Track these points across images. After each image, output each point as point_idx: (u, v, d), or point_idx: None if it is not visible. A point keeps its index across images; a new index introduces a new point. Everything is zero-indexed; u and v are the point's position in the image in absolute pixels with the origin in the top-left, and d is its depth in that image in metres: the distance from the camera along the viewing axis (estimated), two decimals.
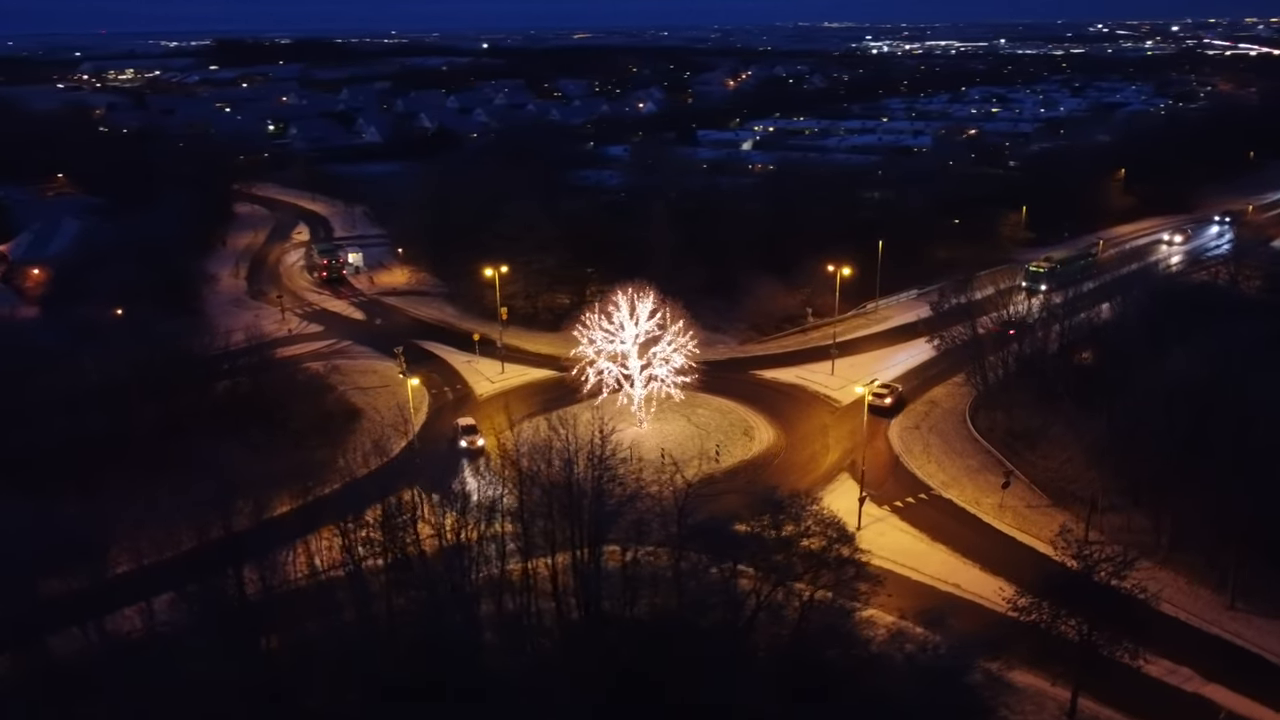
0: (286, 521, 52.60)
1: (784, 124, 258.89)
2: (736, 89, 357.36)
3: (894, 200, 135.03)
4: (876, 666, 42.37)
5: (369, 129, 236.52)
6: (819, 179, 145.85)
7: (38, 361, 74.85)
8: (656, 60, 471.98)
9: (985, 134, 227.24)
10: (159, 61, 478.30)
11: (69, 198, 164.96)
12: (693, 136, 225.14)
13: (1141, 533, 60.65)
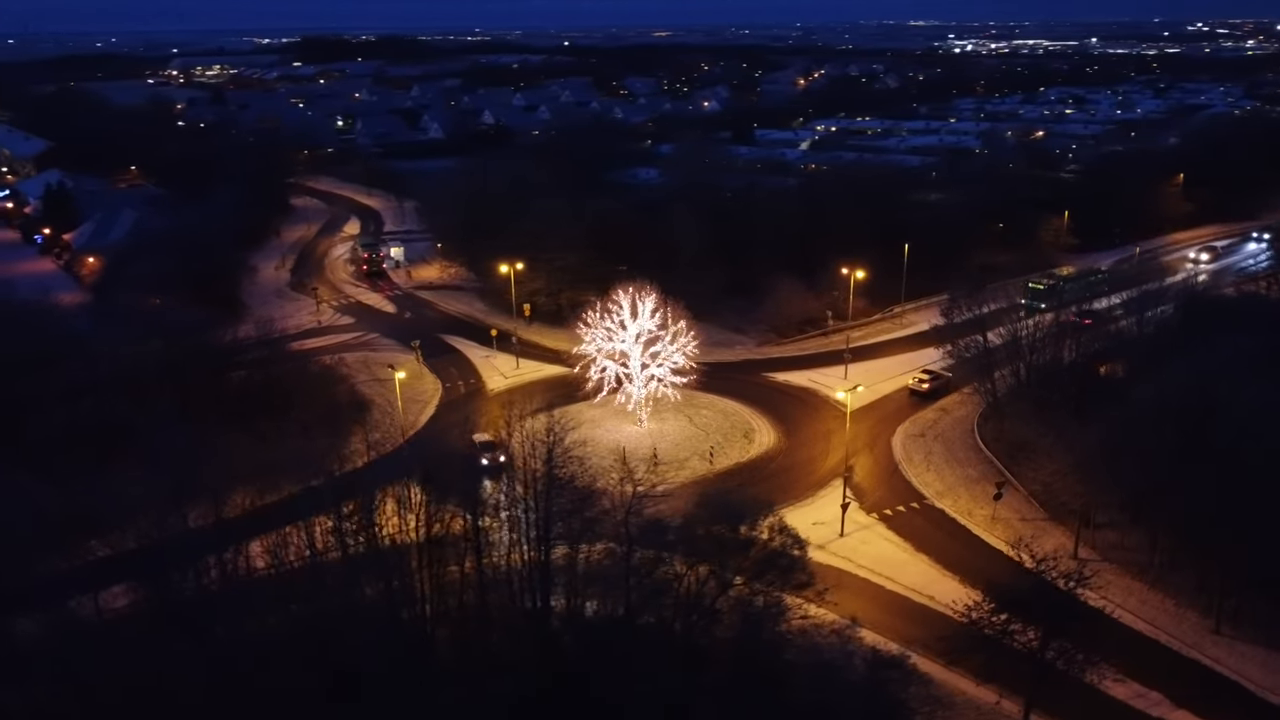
0: (271, 511, 53.73)
1: (847, 124, 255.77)
2: (806, 88, 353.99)
3: (937, 203, 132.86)
4: (809, 671, 41.91)
5: (433, 125, 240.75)
6: (862, 180, 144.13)
7: (69, 346, 78.31)
8: (729, 59, 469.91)
9: (1052, 136, 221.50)
10: (245, 58, 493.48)
11: (138, 189, 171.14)
12: (750, 136, 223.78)
13: (1135, 551, 58.87)
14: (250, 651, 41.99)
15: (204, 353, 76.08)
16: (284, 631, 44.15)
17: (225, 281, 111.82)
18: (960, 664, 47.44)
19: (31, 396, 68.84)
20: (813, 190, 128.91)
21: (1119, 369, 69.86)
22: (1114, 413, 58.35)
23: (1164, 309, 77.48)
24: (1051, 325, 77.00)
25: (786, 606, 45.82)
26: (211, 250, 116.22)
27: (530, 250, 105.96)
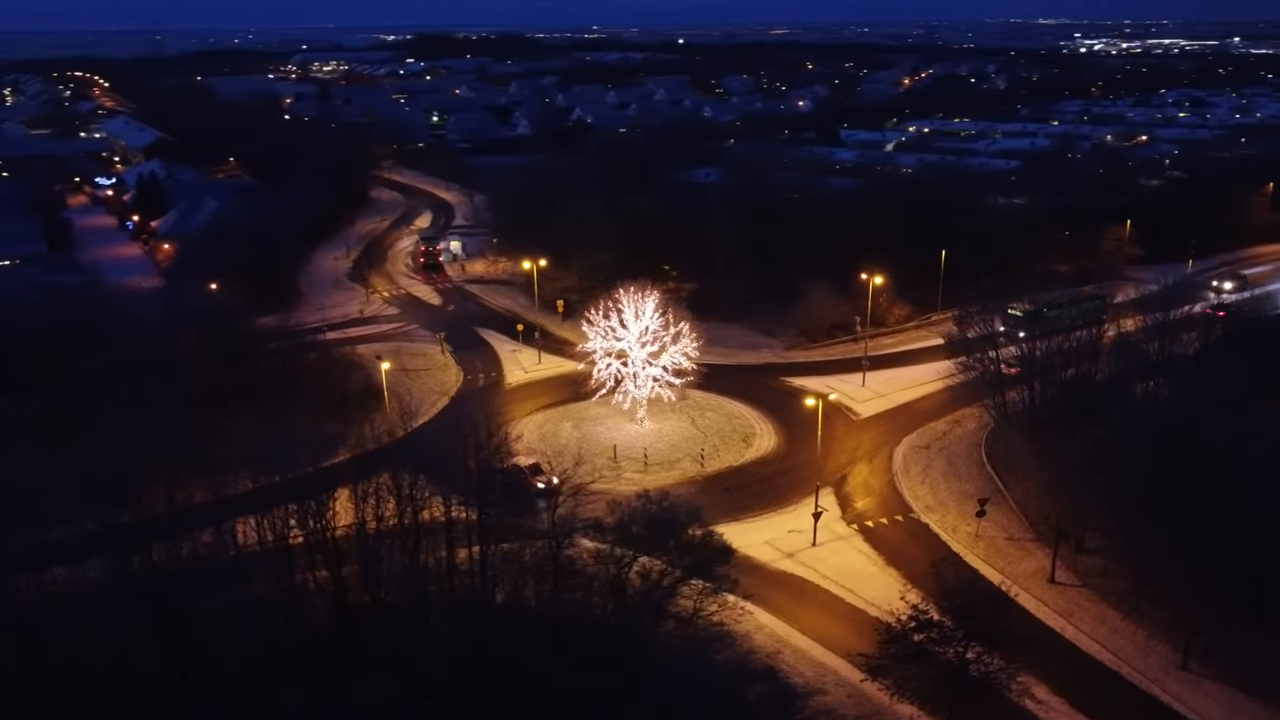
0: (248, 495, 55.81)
1: (943, 125, 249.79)
2: (910, 88, 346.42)
3: (1002, 209, 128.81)
4: (666, 676, 41.39)
5: (522, 122, 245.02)
6: (928, 184, 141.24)
7: (121, 328, 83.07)
8: (836, 57, 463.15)
9: (1155, 141, 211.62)
10: (361, 54, 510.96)
11: (234, 180, 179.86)
12: (836, 136, 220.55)
13: (1117, 578, 56.30)
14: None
15: (232, 338, 79.67)
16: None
17: (283, 270, 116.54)
18: (884, 678, 46.25)
19: (65, 373, 73.76)
20: (870, 193, 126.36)
21: (1109, 389, 66.68)
22: (1089, 433, 55.95)
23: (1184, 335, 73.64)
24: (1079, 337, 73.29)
25: (691, 610, 45.71)
26: (276, 240, 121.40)
27: (568, 247, 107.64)
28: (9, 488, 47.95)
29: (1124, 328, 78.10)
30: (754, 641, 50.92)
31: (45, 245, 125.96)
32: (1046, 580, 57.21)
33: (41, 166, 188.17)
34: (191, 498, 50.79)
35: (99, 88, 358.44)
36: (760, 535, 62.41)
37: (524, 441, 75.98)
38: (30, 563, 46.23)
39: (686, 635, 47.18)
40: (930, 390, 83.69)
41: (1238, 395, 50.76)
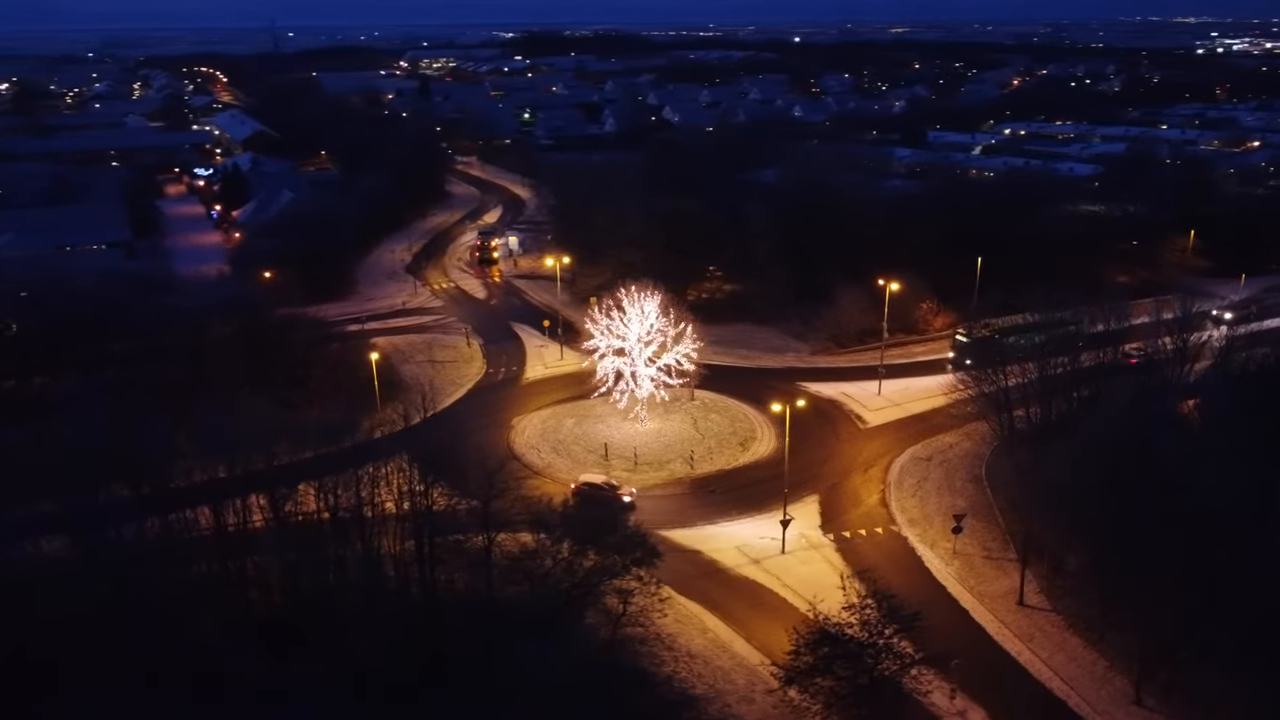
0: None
1: (1041, 127, 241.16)
2: (1017, 89, 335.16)
3: (1070, 215, 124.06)
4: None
5: (610, 120, 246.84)
6: (992, 188, 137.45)
7: (171, 313, 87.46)
8: (947, 57, 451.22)
9: (1268, 147, 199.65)
10: (470, 51, 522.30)
11: (323, 172, 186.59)
12: (922, 138, 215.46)
13: (1088, 604, 53.97)
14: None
15: (257, 326, 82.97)
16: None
17: (340, 261, 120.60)
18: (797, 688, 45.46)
19: (103, 354, 78.41)
20: (924, 197, 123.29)
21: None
22: (1057, 453, 53.81)
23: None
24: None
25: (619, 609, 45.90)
26: (340, 231, 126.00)
27: (605, 245, 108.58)
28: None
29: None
30: (679, 644, 50.98)
31: (130, 232, 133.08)
32: (1015, 602, 55.31)
33: (150, 157, 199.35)
34: (166, 482, 53.25)
35: (219, 83, 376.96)
36: (732, 539, 62.08)
37: (525, 436, 77.40)
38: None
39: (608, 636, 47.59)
40: (946, 401, 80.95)
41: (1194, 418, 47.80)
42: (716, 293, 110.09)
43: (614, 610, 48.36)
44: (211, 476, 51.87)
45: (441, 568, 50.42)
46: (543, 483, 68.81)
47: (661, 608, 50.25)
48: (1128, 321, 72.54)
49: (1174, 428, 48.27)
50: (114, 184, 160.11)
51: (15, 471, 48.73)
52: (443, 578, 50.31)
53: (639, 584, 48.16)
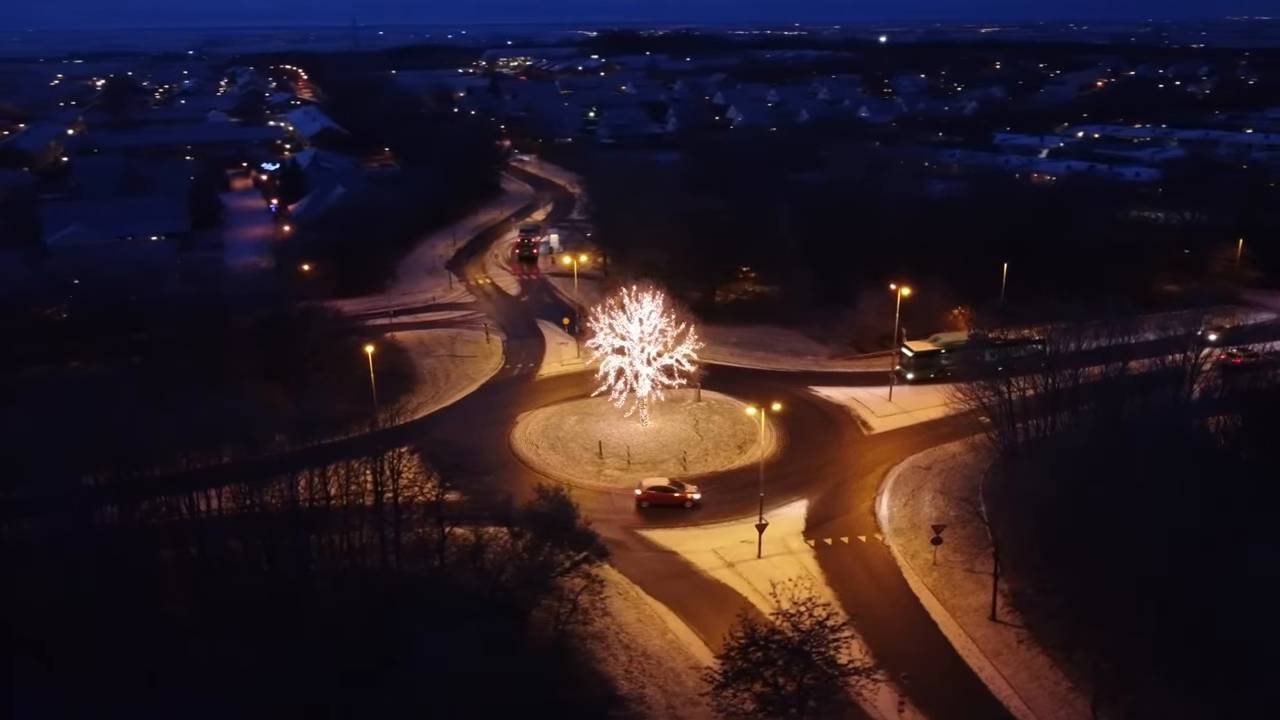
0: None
1: (1117, 130, 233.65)
2: (1097, 90, 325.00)
3: (1122, 221, 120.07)
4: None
5: (672, 119, 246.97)
6: (1047, 193, 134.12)
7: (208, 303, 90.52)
8: (1032, 57, 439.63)
9: None
10: (548, 50, 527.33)
11: (386, 168, 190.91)
12: (987, 140, 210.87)
13: (1063, 623, 52.36)
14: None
15: (279, 318, 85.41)
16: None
17: (381, 255, 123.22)
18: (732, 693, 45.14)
19: (130, 342, 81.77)
20: (967, 201, 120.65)
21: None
22: (1030, 469, 52.40)
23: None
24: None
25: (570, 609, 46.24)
26: (385, 226, 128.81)
27: (630, 244, 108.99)
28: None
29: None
30: (637, 644, 51.23)
31: (188, 224, 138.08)
32: (987, 617, 54.02)
33: (222, 152, 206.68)
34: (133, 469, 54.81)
35: (300, 80, 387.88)
36: (711, 542, 61.90)
37: (526, 432, 78.23)
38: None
39: (556, 632, 48.02)
40: (958, 410, 79.03)
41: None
42: (744, 294, 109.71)
43: (564, 607, 48.69)
44: (185, 465, 53.15)
45: (405, 559, 51.49)
46: (537, 478, 69.81)
47: (606, 606, 50.44)
48: (1129, 336, 69.40)
49: (1152, 446, 46.38)
50: (181, 177, 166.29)
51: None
52: (403, 568, 51.38)
53: (587, 582, 48.44)
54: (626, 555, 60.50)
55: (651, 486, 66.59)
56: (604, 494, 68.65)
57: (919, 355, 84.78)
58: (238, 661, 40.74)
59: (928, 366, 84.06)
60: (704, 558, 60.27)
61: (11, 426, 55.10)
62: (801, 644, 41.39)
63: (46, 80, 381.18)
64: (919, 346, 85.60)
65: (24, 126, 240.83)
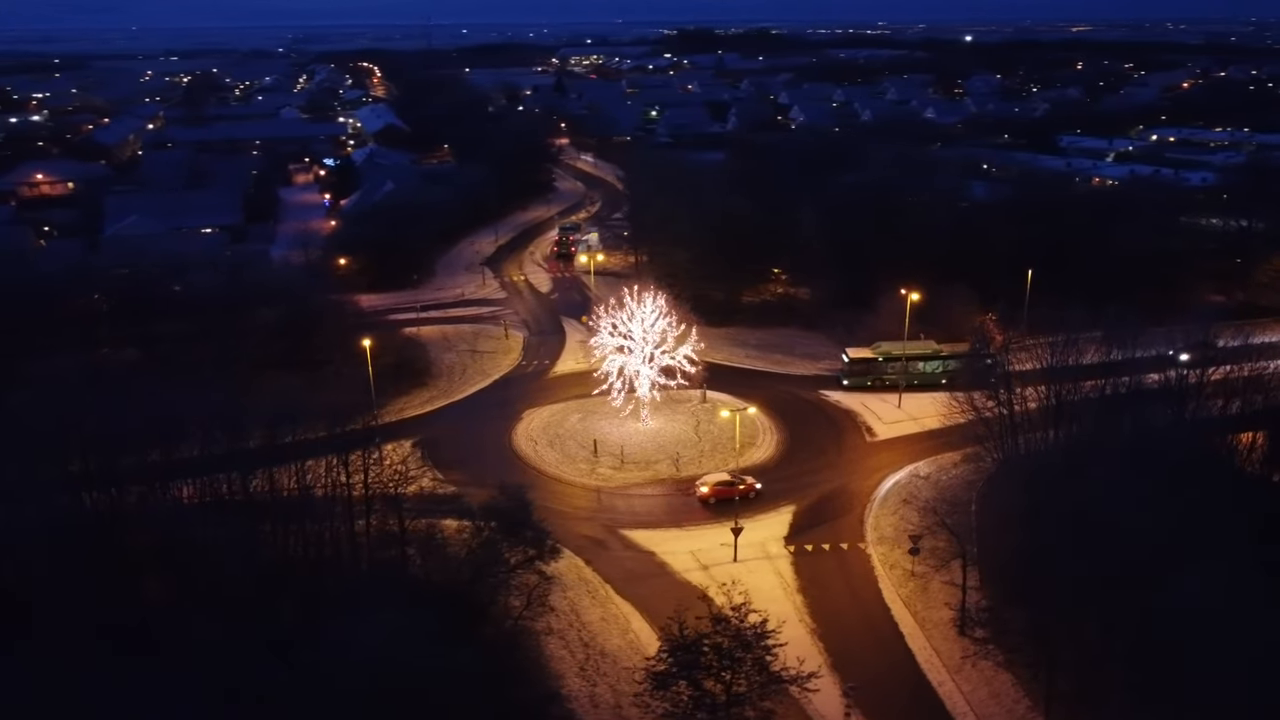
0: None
1: (1195, 134, 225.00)
2: (1181, 91, 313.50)
3: (1179, 228, 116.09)
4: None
5: (733, 119, 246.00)
6: (1098, 198, 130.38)
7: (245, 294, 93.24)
8: (1118, 57, 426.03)
9: None
10: (621, 49, 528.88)
11: (444, 164, 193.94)
12: (1052, 143, 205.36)
13: (1032, 643, 51.01)
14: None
15: (298, 311, 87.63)
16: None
17: (418, 250, 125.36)
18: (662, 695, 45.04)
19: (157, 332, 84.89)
20: (1009, 205, 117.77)
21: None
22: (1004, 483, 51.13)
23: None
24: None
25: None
26: (426, 222, 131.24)
27: (657, 245, 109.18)
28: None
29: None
30: (597, 642, 51.65)
31: (241, 217, 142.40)
32: (956, 631, 52.92)
33: (288, 147, 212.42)
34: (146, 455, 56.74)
35: (375, 77, 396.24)
36: (690, 544, 61.78)
37: (529, 428, 79.00)
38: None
39: (511, 628, 48.59)
40: (967, 419, 77.71)
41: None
42: (771, 296, 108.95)
43: (519, 602, 49.24)
44: (150, 455, 54.31)
45: (358, 549, 52.49)
46: (531, 474, 70.73)
47: (573, 603, 50.97)
48: (1125, 349, 66.86)
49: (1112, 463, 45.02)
50: (242, 172, 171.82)
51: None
52: (359, 558, 52.41)
53: (539, 579, 48.88)
54: (604, 554, 60.88)
55: (716, 483, 66.98)
56: (594, 492, 69.03)
57: (854, 362, 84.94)
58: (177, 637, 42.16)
59: (864, 374, 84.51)
60: (680, 559, 60.19)
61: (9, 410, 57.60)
62: (732, 649, 41.11)
63: (137, 77, 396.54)
64: (856, 353, 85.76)
65: (108, 121, 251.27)
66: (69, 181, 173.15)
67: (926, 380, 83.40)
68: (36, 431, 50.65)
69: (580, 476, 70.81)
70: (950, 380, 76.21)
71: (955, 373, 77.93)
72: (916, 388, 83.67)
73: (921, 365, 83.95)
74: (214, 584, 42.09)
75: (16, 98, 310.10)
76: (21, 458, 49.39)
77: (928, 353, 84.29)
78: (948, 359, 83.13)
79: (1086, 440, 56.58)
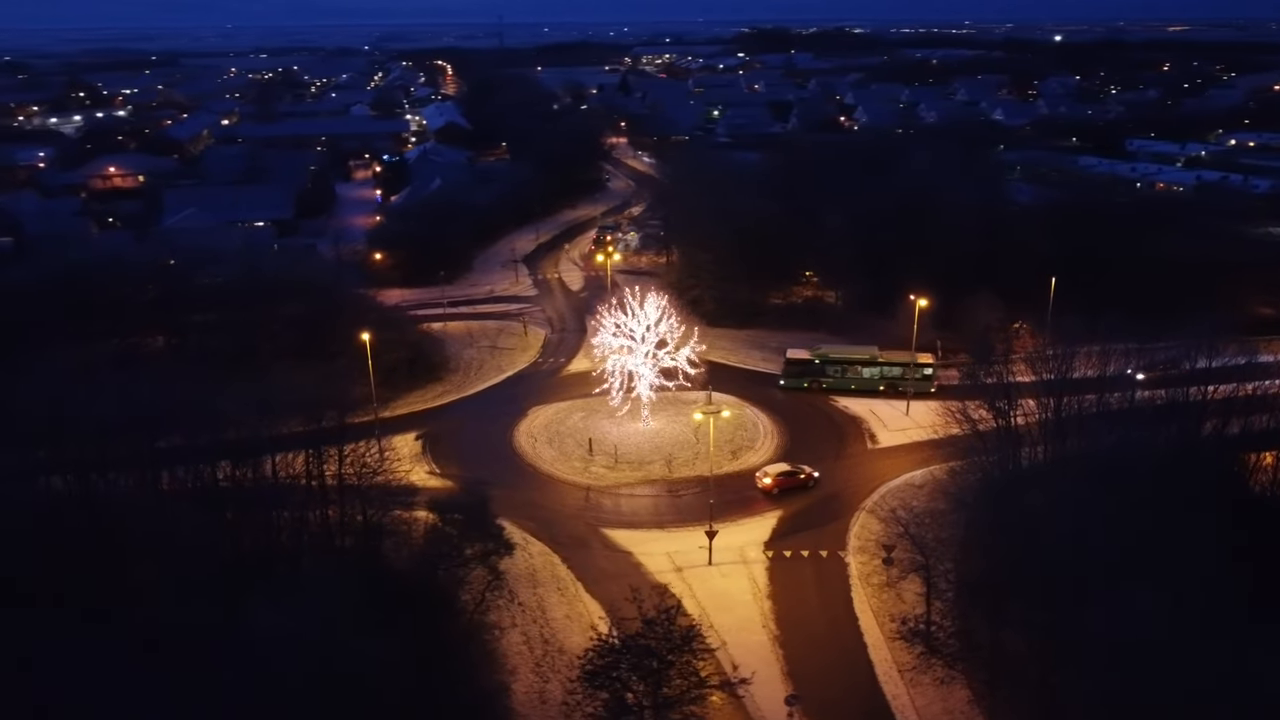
0: None
1: (1276, 138, 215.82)
2: (1272, 94, 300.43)
3: (1239, 237, 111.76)
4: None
5: (793, 120, 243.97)
6: (1154, 203, 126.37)
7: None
8: (1208, 57, 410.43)
9: None
10: (693, 48, 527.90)
11: (499, 162, 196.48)
12: (1119, 147, 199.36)
13: (988, 662, 49.82)
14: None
15: (322, 304, 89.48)
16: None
17: (455, 247, 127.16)
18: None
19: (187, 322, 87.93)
20: (1053, 210, 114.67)
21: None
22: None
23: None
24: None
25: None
26: (466, 220, 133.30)
27: (695, 244, 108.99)
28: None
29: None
30: (557, 640, 52.22)
31: (292, 212, 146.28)
32: (921, 645, 51.88)
33: (351, 144, 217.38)
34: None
35: (447, 75, 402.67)
36: (668, 545, 61.73)
37: (532, 425, 79.69)
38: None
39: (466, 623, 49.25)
40: (975, 430, 76.08)
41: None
42: (800, 298, 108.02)
43: (473, 598, 49.90)
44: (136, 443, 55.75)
45: (337, 538, 53.72)
46: (526, 470, 71.66)
47: (541, 600, 51.49)
48: (1119, 365, 64.46)
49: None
50: (300, 167, 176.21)
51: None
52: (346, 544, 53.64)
53: (492, 575, 49.43)
54: (581, 552, 61.22)
55: (779, 473, 68.07)
56: (584, 490, 69.35)
57: (791, 363, 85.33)
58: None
59: (801, 375, 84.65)
60: (656, 560, 60.19)
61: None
62: (660, 652, 41.06)
63: (221, 74, 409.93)
64: (794, 354, 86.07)
65: (185, 117, 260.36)
66: (139, 175, 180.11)
67: (864, 386, 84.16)
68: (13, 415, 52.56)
69: (573, 474, 71.24)
70: (889, 388, 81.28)
71: (896, 381, 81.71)
72: (854, 393, 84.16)
73: (862, 371, 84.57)
74: (156, 568, 43.41)
75: (107, 93, 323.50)
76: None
77: (865, 358, 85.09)
78: (885, 366, 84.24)
79: (1069, 455, 54.92)
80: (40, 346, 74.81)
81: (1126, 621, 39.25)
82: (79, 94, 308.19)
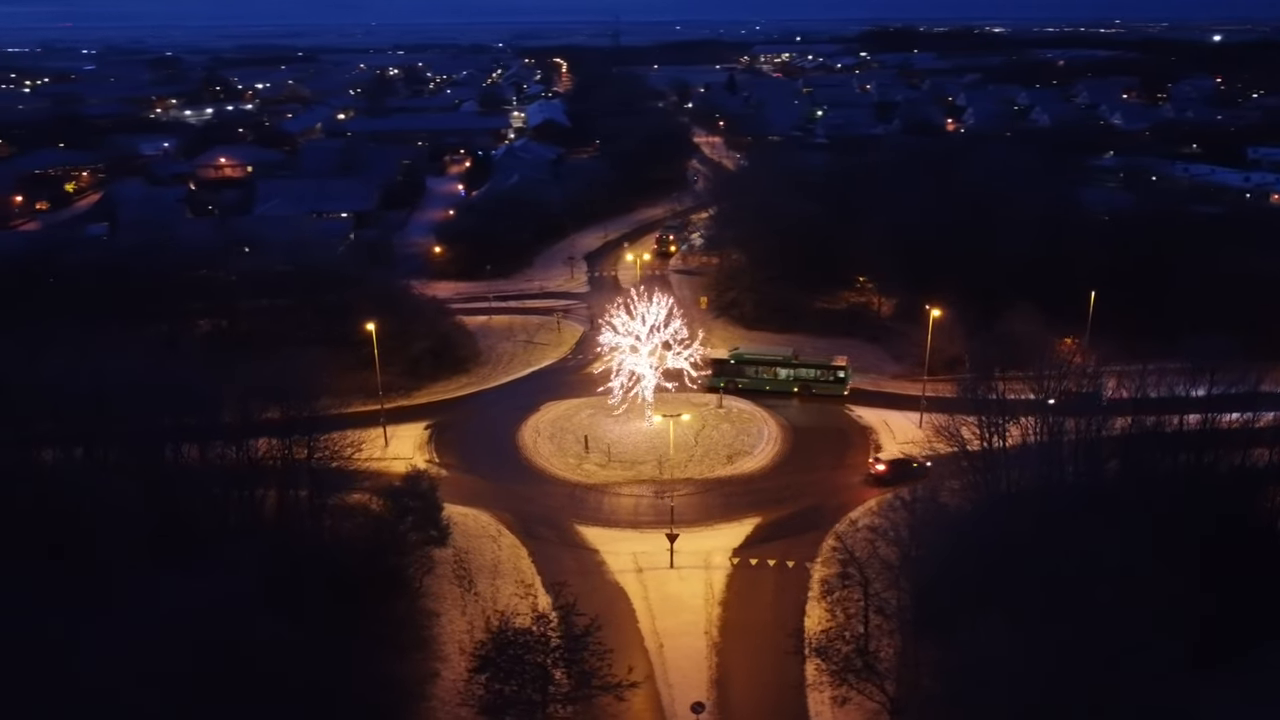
0: None
1: None
2: None
3: None
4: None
5: (895, 121, 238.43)
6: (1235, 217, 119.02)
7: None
8: None
9: None
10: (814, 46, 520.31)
11: (593, 159, 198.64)
12: (1239, 155, 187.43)
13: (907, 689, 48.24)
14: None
15: (355, 294, 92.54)
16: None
17: (518, 243, 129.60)
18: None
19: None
20: (1123, 222, 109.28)
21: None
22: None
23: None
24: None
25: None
26: (533, 216, 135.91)
27: (744, 245, 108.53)
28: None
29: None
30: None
31: (374, 204, 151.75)
32: (856, 665, 50.52)
33: (452, 139, 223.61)
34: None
35: (563, 73, 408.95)
36: (636, 546, 61.82)
37: (540, 421, 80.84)
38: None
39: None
40: (980, 448, 73.45)
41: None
42: (840, 304, 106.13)
43: (416, 583, 51.34)
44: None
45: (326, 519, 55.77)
46: (523, 465, 73.05)
47: (497, 593, 52.49)
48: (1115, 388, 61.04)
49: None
50: (392, 161, 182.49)
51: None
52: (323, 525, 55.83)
53: (431, 564, 50.65)
54: (550, 547, 62.01)
55: (890, 460, 70.09)
56: (574, 486, 70.10)
57: (711, 363, 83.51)
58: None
59: (718, 375, 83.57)
60: (620, 560, 60.44)
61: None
62: (551, 648, 41.53)
63: (350, 70, 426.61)
64: (713, 354, 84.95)
65: (303, 111, 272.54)
66: (248, 166, 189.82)
67: (779, 387, 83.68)
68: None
69: (567, 471, 72.07)
70: (802, 390, 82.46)
71: (810, 382, 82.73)
72: (769, 394, 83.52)
73: (777, 372, 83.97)
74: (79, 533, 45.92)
75: (241, 87, 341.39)
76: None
77: (779, 359, 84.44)
78: (800, 368, 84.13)
79: (1053, 481, 53.00)
80: (84, 327, 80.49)
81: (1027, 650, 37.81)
82: (215, 88, 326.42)
